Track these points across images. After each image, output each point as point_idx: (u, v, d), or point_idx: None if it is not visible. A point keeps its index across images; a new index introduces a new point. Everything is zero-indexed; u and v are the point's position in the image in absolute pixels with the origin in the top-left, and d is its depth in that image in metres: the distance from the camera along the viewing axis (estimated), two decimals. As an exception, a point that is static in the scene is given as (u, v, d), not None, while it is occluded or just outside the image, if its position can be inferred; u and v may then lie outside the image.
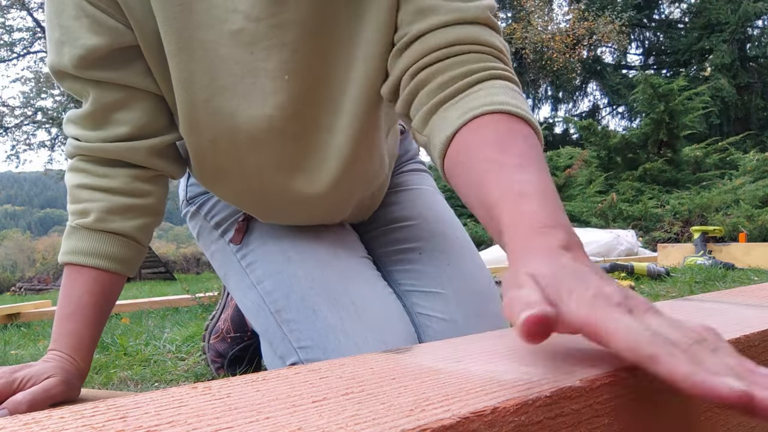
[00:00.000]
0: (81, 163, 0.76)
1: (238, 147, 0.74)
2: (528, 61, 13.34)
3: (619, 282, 2.24)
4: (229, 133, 0.73)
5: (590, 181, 7.30)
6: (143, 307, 2.63)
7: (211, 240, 0.94)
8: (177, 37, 0.67)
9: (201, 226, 0.96)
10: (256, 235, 0.89)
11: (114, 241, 0.75)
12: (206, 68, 0.69)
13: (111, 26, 0.68)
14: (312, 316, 0.79)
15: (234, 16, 0.66)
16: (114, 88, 0.72)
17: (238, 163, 0.77)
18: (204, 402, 0.28)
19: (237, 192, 0.83)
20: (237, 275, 0.90)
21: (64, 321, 0.73)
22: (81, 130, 0.75)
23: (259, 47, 0.68)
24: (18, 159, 15.33)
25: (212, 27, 0.67)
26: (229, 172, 0.79)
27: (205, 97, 0.70)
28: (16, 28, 14.38)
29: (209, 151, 0.76)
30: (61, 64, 0.70)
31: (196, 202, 0.97)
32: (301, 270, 0.83)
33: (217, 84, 0.69)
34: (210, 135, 0.74)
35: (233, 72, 0.69)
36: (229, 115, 0.71)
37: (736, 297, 0.61)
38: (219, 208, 0.93)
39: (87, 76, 0.71)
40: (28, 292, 10.54)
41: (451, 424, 0.25)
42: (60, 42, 0.70)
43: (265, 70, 0.69)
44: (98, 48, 0.69)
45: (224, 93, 0.70)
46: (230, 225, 0.92)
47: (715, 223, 5.17)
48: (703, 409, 0.37)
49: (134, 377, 1.29)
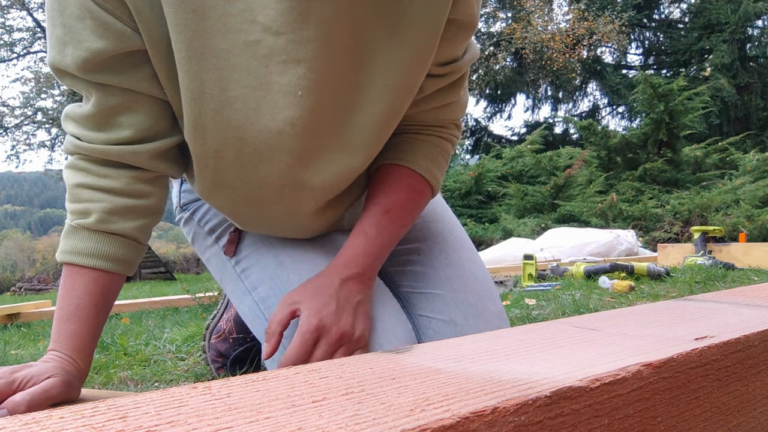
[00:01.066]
0: (81, 162, 0.75)
1: (243, 160, 0.73)
2: (528, 61, 13.34)
3: (619, 282, 2.24)
4: (235, 145, 0.72)
5: (590, 181, 7.29)
6: (143, 307, 2.63)
7: (206, 246, 0.94)
8: (188, 44, 0.65)
9: (195, 231, 0.96)
10: (249, 242, 0.89)
11: (115, 241, 0.75)
12: (217, 78, 0.67)
13: (118, 29, 0.66)
14: None
15: (252, 27, 0.64)
16: (118, 92, 0.71)
17: (239, 176, 0.75)
18: (204, 402, 0.28)
19: (233, 204, 0.81)
20: (232, 281, 0.89)
21: (64, 322, 0.73)
22: (82, 129, 0.74)
23: (275, 61, 0.66)
24: (18, 159, 15.33)
25: (226, 36, 0.65)
26: (229, 185, 0.77)
27: (215, 106, 0.69)
28: (16, 28, 14.39)
29: (212, 160, 0.74)
30: (63, 63, 0.69)
31: (190, 208, 0.96)
32: (294, 275, 0.82)
33: (227, 94, 0.68)
34: (216, 145, 0.72)
35: (245, 83, 0.67)
36: (238, 127, 0.70)
37: (736, 297, 0.61)
38: (212, 214, 0.93)
39: (90, 78, 0.69)
40: (28, 292, 10.52)
41: (451, 424, 0.25)
42: (62, 41, 0.68)
43: (278, 84, 0.67)
44: (103, 51, 0.67)
45: (234, 104, 0.68)
46: (224, 231, 0.91)
47: (715, 223, 5.17)
48: (703, 410, 0.37)
49: (134, 377, 1.29)
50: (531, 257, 2.92)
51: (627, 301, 2.04)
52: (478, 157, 11.77)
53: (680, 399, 0.35)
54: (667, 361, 0.34)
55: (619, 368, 0.32)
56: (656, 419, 0.34)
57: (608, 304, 1.97)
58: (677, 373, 0.35)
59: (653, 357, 0.34)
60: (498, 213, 7.44)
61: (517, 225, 6.49)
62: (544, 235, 4.61)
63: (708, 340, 0.39)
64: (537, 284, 2.64)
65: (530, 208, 7.36)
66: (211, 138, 0.72)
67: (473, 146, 14.38)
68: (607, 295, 2.15)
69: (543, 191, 7.39)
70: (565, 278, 2.81)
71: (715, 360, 0.38)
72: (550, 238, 4.37)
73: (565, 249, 4.01)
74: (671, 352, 0.35)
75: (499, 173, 8.32)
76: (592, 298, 2.06)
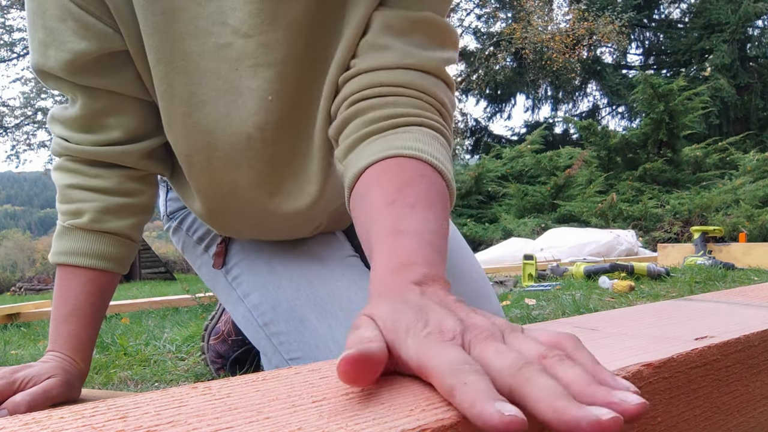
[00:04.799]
0: (70, 163, 0.74)
1: (214, 165, 0.72)
2: (528, 61, 13.33)
3: (619, 282, 2.24)
4: (205, 150, 0.70)
5: (590, 181, 7.29)
6: (143, 307, 2.63)
7: (196, 255, 0.93)
8: (157, 47, 0.65)
9: (184, 241, 0.94)
10: (238, 249, 0.88)
11: (109, 240, 0.75)
12: (186, 81, 0.66)
13: (99, 30, 0.66)
14: (300, 327, 0.77)
15: (222, 29, 0.64)
16: (104, 95, 0.70)
17: (210, 182, 0.74)
18: (204, 402, 0.28)
19: (208, 210, 0.79)
20: (224, 290, 0.89)
21: (62, 323, 0.72)
22: (70, 132, 0.73)
23: (245, 65, 0.65)
24: (18, 159, 15.31)
25: (196, 38, 0.65)
26: (202, 190, 0.76)
27: (184, 110, 0.68)
28: (16, 28, 14.38)
29: (185, 165, 0.73)
30: (47, 66, 0.68)
31: (177, 217, 0.95)
32: (286, 280, 0.81)
33: (197, 98, 0.67)
34: (186, 150, 0.71)
35: (215, 87, 0.66)
36: (207, 132, 0.69)
37: (736, 297, 0.61)
38: (200, 222, 0.91)
39: (75, 81, 0.69)
40: (28, 292, 10.52)
41: (451, 424, 0.25)
42: (44, 43, 0.67)
43: (249, 88, 0.66)
44: (86, 53, 0.66)
45: (204, 108, 0.68)
46: (212, 240, 0.90)
47: (715, 223, 5.17)
48: (703, 410, 0.37)
49: (134, 377, 1.29)
50: (531, 257, 2.92)
51: (627, 301, 2.04)
52: (478, 157, 11.77)
53: (680, 399, 0.35)
54: (667, 361, 0.34)
55: (619, 368, 0.32)
56: (656, 419, 0.34)
57: (608, 304, 1.97)
58: (677, 373, 0.35)
59: (653, 357, 0.34)
60: (498, 213, 7.45)
61: (517, 225, 6.50)
62: (544, 235, 4.61)
63: (708, 340, 0.39)
64: (537, 284, 2.64)
65: (530, 208, 7.36)
66: (181, 142, 0.71)
67: (473, 146, 14.38)
68: (607, 295, 2.15)
69: (543, 191, 7.39)
70: (565, 278, 2.82)
71: (715, 360, 0.38)
72: (550, 238, 4.37)
73: (565, 249, 4.01)
74: (671, 352, 0.35)
75: (499, 173, 8.33)
76: (592, 298, 2.06)
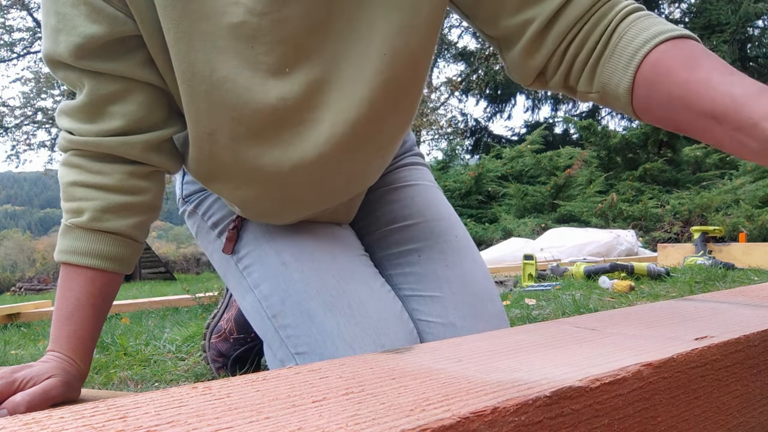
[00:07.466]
0: (75, 158, 0.74)
1: (237, 141, 0.73)
2: (528, 61, 13.33)
3: (619, 282, 2.24)
4: (229, 125, 0.72)
5: (590, 181, 7.29)
6: (143, 307, 2.63)
7: (209, 240, 0.94)
8: (175, 27, 0.66)
9: (199, 225, 0.95)
10: (250, 237, 0.88)
11: (109, 240, 0.74)
12: (206, 59, 0.68)
13: (110, 14, 0.67)
14: (308, 322, 0.78)
15: (235, 9, 0.66)
16: (111, 80, 0.71)
17: (234, 159, 0.75)
18: (204, 402, 0.28)
19: (232, 187, 0.80)
20: (235, 278, 0.89)
21: (63, 322, 0.72)
22: (75, 122, 0.74)
23: (260, 41, 0.67)
24: (18, 159, 15.32)
25: (210, 18, 0.66)
26: (226, 167, 0.77)
27: (206, 88, 0.69)
28: (16, 28, 14.37)
29: (207, 143, 0.74)
30: (57, 52, 0.69)
31: (193, 200, 0.96)
32: (297, 273, 0.82)
33: (217, 75, 0.69)
34: (208, 128, 0.73)
35: (233, 64, 0.68)
36: (232, 107, 0.70)
37: (736, 297, 0.61)
38: (216, 208, 0.92)
39: (84, 66, 0.70)
40: (28, 292, 10.52)
41: (451, 424, 0.25)
42: (56, 29, 0.68)
43: (266, 63, 0.69)
44: (97, 36, 0.67)
45: (224, 84, 0.69)
46: (227, 225, 0.91)
47: (715, 223, 5.17)
48: (703, 410, 0.37)
49: (134, 377, 1.29)
50: (531, 257, 2.92)
51: (627, 301, 2.04)
52: (478, 157, 11.76)
53: (680, 399, 0.35)
54: (667, 361, 0.34)
55: (619, 368, 0.32)
56: (656, 419, 0.34)
57: (608, 304, 1.97)
58: (677, 373, 0.35)
59: (653, 357, 0.34)
60: (498, 213, 7.44)
61: (517, 225, 6.49)
62: (544, 235, 4.61)
63: (708, 340, 0.39)
64: (537, 284, 2.64)
65: (530, 208, 7.36)
66: (204, 121, 0.72)
67: (473, 146, 14.38)
68: (607, 295, 2.15)
69: (543, 191, 7.39)
70: (565, 278, 2.81)
71: (715, 360, 0.38)
72: (550, 238, 4.36)
73: (565, 249, 4.01)
74: (671, 352, 0.35)
75: (499, 173, 8.32)
76: (592, 298, 2.06)
